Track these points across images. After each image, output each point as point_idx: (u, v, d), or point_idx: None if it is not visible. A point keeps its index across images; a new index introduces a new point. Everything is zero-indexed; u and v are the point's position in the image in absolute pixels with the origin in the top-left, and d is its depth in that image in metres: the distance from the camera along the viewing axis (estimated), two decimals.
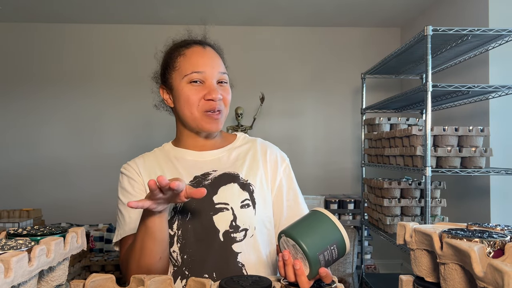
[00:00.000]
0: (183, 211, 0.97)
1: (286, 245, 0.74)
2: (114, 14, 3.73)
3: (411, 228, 0.67)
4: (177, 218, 0.96)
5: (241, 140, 1.11)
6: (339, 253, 0.73)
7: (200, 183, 0.99)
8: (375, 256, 3.59)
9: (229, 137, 1.12)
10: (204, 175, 1.01)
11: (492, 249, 0.56)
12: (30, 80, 3.92)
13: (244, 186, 1.00)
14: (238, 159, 1.05)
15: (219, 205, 0.97)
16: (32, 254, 0.55)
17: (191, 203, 0.97)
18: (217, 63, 1.01)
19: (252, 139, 1.13)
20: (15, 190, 3.85)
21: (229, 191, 0.98)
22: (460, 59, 2.61)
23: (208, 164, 1.03)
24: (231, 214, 0.96)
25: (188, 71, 0.99)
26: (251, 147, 1.09)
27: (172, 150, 1.09)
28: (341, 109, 4.03)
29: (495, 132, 2.52)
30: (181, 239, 0.96)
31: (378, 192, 2.66)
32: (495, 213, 2.61)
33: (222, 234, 0.95)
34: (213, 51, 1.04)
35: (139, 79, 3.96)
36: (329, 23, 3.95)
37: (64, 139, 3.94)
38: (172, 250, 0.96)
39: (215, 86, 0.98)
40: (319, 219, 0.74)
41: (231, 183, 0.99)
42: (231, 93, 1.06)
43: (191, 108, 0.99)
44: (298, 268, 0.71)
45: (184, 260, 0.96)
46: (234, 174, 1.01)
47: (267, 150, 1.09)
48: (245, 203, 0.98)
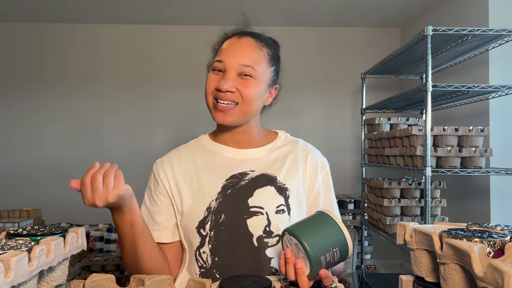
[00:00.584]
0: (216, 212, 0.94)
1: (289, 243, 0.74)
2: (116, 14, 3.73)
3: (411, 228, 0.67)
4: (210, 219, 0.94)
5: (282, 140, 1.07)
6: (341, 256, 0.72)
7: (237, 183, 0.97)
8: (375, 256, 3.59)
9: (270, 135, 1.08)
10: (241, 174, 0.98)
11: (492, 249, 0.56)
12: (31, 80, 3.92)
13: (280, 190, 0.97)
14: (277, 160, 1.02)
15: (254, 208, 0.94)
16: (32, 254, 0.55)
17: (225, 204, 0.94)
18: (243, 53, 0.95)
19: (294, 140, 1.09)
20: (15, 190, 3.85)
21: (265, 195, 0.95)
22: (460, 59, 2.61)
23: (246, 163, 1.00)
24: (266, 219, 0.93)
25: (214, 59, 0.98)
26: (292, 149, 1.05)
27: (209, 143, 1.05)
28: (341, 109, 4.03)
29: (495, 132, 2.51)
30: (213, 240, 0.93)
31: (378, 192, 2.66)
32: (495, 213, 2.61)
33: (256, 239, 0.93)
34: (250, 41, 0.98)
35: (141, 79, 3.97)
36: (329, 23, 3.94)
37: (64, 139, 3.94)
38: (202, 251, 0.94)
39: (230, 77, 0.93)
40: (323, 220, 0.74)
41: (268, 186, 0.96)
42: (276, 91, 1.04)
43: (207, 94, 0.97)
44: (299, 267, 0.70)
45: (214, 262, 0.93)
46: (272, 176, 0.98)
47: (309, 154, 1.05)
48: (280, 208, 0.95)
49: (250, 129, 1.02)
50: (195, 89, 3.92)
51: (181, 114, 3.95)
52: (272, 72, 1.01)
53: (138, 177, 4.65)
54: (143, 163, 4.02)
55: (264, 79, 0.98)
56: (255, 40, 0.99)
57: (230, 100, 0.94)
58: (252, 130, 1.03)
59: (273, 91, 1.05)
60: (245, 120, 0.99)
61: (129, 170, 4.75)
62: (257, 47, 0.98)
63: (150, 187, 1.04)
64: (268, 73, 0.99)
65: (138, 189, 3.65)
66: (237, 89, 0.94)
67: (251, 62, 0.95)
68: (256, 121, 1.04)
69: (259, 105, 1.00)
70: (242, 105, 0.95)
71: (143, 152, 3.92)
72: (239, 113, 0.96)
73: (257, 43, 0.99)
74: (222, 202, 0.94)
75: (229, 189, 0.96)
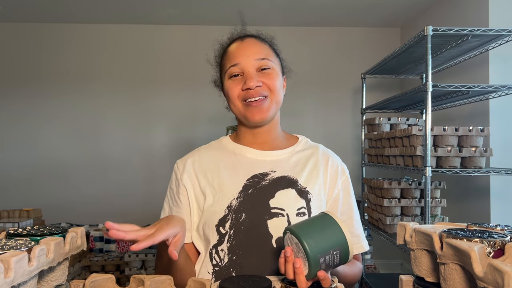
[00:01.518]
0: (237, 211, 0.95)
1: (290, 242, 0.75)
2: (114, 14, 3.73)
3: (411, 228, 0.67)
4: (230, 217, 0.94)
5: (303, 144, 1.09)
6: (341, 259, 0.72)
7: (258, 183, 0.97)
8: (375, 256, 3.59)
9: (291, 139, 1.10)
10: (263, 174, 0.99)
11: (492, 249, 0.56)
12: (30, 80, 3.92)
13: (301, 193, 0.97)
14: (298, 164, 1.03)
15: (275, 209, 0.94)
16: (32, 254, 0.55)
17: (246, 204, 0.95)
18: (254, 51, 0.99)
19: (314, 145, 1.10)
20: (15, 190, 3.85)
21: (286, 197, 0.96)
22: (460, 59, 2.61)
23: (268, 164, 1.01)
24: (286, 221, 0.93)
25: (227, 67, 1.00)
26: (313, 154, 1.06)
27: (230, 144, 1.07)
28: (341, 109, 4.03)
29: (495, 132, 2.51)
30: (232, 239, 0.94)
31: (378, 192, 2.66)
32: (495, 213, 2.61)
33: (276, 240, 0.93)
34: (253, 40, 1.02)
35: (140, 79, 3.97)
36: (329, 23, 3.95)
37: (64, 139, 3.94)
38: (220, 249, 0.94)
39: (253, 74, 0.97)
40: (326, 222, 0.74)
41: (289, 188, 0.97)
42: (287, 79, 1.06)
43: (234, 101, 0.99)
44: (298, 267, 0.71)
45: (232, 261, 0.93)
46: (293, 179, 0.99)
47: (329, 159, 1.06)
48: (301, 211, 0.95)
49: (272, 129, 1.05)
50: (195, 89, 3.95)
51: (181, 113, 3.96)
52: (279, 62, 1.06)
53: (137, 177, 4.65)
54: (142, 163, 4.05)
55: (278, 69, 1.02)
56: (256, 38, 1.04)
57: (261, 94, 0.97)
58: (274, 130, 1.06)
59: (284, 81, 1.08)
60: (275, 112, 1.02)
61: (129, 170, 4.75)
62: (261, 42, 1.03)
63: (172, 187, 1.05)
64: (278, 62, 1.04)
65: (137, 188, 3.67)
66: (263, 82, 0.97)
67: (265, 55, 0.99)
68: (278, 119, 1.07)
69: (282, 94, 1.03)
70: (271, 97, 0.99)
71: (143, 152, 3.92)
72: (271, 105, 0.99)
73: (260, 40, 1.03)
74: (243, 201, 0.95)
75: (250, 189, 0.97)
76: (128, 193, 3.87)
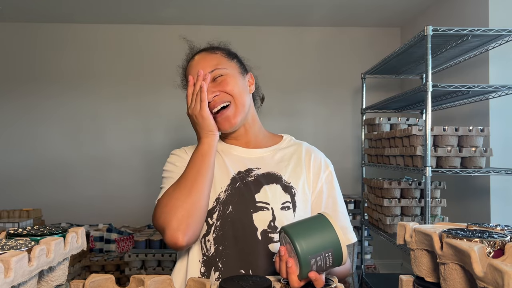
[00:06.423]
0: (224, 203, 0.99)
1: (284, 241, 0.75)
2: (114, 14, 3.73)
3: (411, 228, 0.67)
4: (218, 209, 0.99)
5: (286, 142, 1.13)
6: (334, 262, 0.72)
7: (244, 178, 1.02)
8: (375, 256, 3.59)
9: (275, 138, 1.14)
10: (247, 171, 1.03)
11: (492, 249, 0.56)
12: (29, 80, 3.92)
13: (286, 188, 1.01)
14: (282, 160, 1.07)
15: (260, 203, 0.98)
16: (32, 254, 0.55)
17: (233, 198, 0.99)
18: (203, 65, 1.03)
19: (298, 142, 1.14)
20: (15, 190, 3.85)
21: (271, 192, 1.00)
22: (460, 59, 2.61)
23: (253, 161, 1.05)
24: (271, 215, 0.97)
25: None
26: (296, 150, 1.10)
27: (219, 144, 1.10)
28: (341, 109, 4.03)
29: (495, 132, 2.51)
30: (218, 230, 0.97)
31: (378, 192, 2.66)
32: (495, 213, 2.61)
33: (260, 232, 0.96)
34: (202, 54, 1.07)
35: (139, 79, 3.97)
36: (329, 23, 3.94)
37: (64, 139, 3.94)
38: (207, 239, 0.98)
39: (207, 87, 1.00)
40: (320, 223, 0.74)
41: (274, 184, 1.01)
42: (253, 78, 1.10)
43: None
44: (290, 266, 0.72)
45: (218, 251, 0.97)
46: (277, 175, 1.03)
47: (312, 154, 1.10)
48: (285, 205, 0.99)
49: (250, 128, 1.09)
50: None
51: (181, 114, 3.94)
52: (236, 63, 1.08)
53: (137, 176, 4.65)
54: (142, 163, 4.05)
55: (233, 71, 1.05)
56: (205, 51, 1.08)
57: (222, 102, 1.00)
58: (252, 130, 1.09)
59: (250, 79, 1.11)
60: (243, 115, 1.04)
61: (128, 170, 4.75)
62: (210, 54, 1.06)
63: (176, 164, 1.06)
64: (234, 65, 1.07)
65: (137, 188, 3.67)
66: (220, 91, 1.00)
67: (214, 65, 1.03)
68: (253, 118, 1.10)
69: (246, 95, 1.05)
70: (234, 101, 1.01)
71: (142, 152, 3.92)
72: (236, 110, 1.01)
73: (209, 52, 1.08)
74: (230, 194, 0.99)
75: (237, 182, 1.01)
76: (128, 193, 3.87)
